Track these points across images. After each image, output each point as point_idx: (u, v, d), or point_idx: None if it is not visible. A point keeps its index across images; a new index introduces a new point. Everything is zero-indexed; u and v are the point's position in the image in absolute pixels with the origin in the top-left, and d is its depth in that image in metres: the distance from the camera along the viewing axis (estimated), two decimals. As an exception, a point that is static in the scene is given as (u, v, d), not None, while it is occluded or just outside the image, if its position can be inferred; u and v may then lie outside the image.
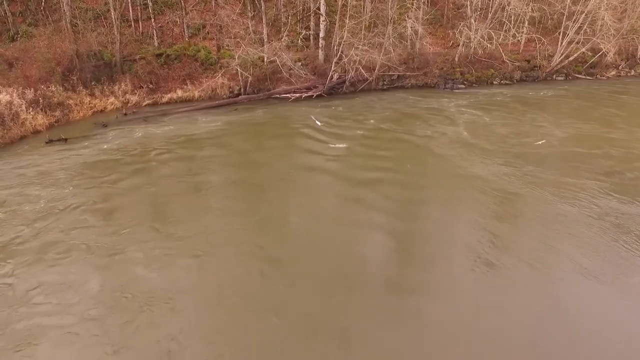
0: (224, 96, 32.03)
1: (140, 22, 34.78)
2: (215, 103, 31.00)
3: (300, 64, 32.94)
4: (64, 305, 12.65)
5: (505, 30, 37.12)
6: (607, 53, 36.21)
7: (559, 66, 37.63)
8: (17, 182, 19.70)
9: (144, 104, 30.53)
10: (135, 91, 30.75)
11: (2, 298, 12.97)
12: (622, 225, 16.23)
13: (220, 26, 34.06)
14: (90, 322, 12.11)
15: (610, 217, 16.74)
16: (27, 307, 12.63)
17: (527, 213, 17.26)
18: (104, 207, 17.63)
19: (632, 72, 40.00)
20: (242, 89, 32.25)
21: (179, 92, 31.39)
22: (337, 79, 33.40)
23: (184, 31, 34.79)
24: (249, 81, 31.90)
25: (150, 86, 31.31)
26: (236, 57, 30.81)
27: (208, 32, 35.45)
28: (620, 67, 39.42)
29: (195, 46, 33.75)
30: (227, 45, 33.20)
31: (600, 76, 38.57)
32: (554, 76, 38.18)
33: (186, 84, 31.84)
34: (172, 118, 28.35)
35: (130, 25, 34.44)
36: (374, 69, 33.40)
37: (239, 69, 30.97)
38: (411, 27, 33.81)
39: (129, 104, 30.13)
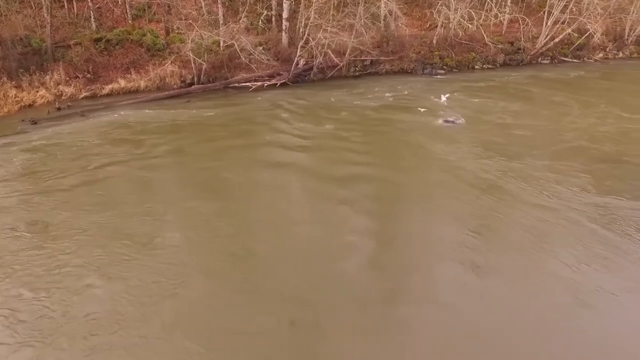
0: (175, 86, 30.69)
1: (74, 3, 32.89)
2: (164, 94, 29.63)
3: (261, 48, 31.78)
4: None
5: (487, 10, 36.94)
6: (594, 34, 36.43)
7: (544, 48, 37.76)
8: None
9: (81, 96, 28.88)
10: (70, 82, 29.02)
11: None
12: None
13: (169, 6, 32.65)
14: None
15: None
16: None
17: (518, 213, 16.89)
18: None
19: (620, 55, 40.49)
20: (195, 78, 30.93)
21: (122, 82, 29.84)
22: (304, 65, 32.44)
23: (126, 12, 33.12)
24: (204, 69, 30.59)
25: (88, 76, 29.63)
26: (188, 41, 29.46)
27: (154, 13, 33.88)
28: (607, 49, 39.86)
29: (140, 30, 32.17)
30: (177, 28, 31.85)
31: (588, 59, 38.92)
32: (539, 59, 38.33)
33: (130, 73, 30.31)
34: (114, 112, 26.87)
35: (62, 6, 32.55)
36: (345, 54, 32.58)
37: (191, 55, 29.63)
38: (385, 7, 33.10)
39: (63, 97, 28.43)
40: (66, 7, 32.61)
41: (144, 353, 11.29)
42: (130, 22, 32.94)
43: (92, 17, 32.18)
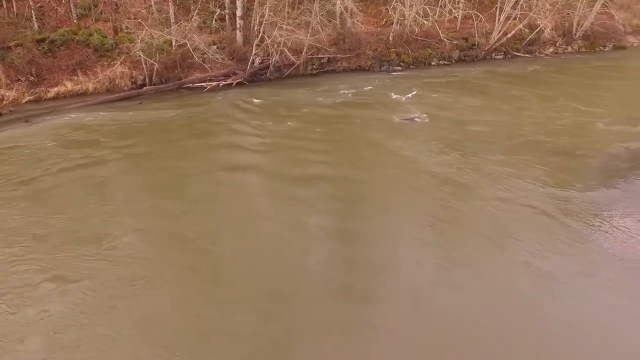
0: (126, 88, 29.67)
1: (13, 2, 31.31)
2: (115, 96, 28.60)
3: (215, 47, 31.23)
4: None
5: (441, 6, 37.55)
6: (544, 29, 37.61)
7: (497, 44, 38.68)
8: None
9: (25, 100, 27.52)
10: (12, 85, 27.57)
11: None
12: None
13: (117, 5, 31.58)
14: None
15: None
16: None
17: (478, 205, 17.25)
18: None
19: (569, 49, 41.94)
20: (147, 79, 30.05)
21: (69, 85, 28.63)
22: (260, 63, 32.06)
23: (70, 11, 31.79)
24: (155, 69, 29.73)
25: (32, 78, 28.26)
26: (138, 41, 28.56)
27: (101, 12, 32.71)
28: (557, 44, 41.24)
29: (86, 29, 30.95)
30: (127, 28, 30.82)
31: (539, 53, 40.13)
32: (493, 55, 39.25)
33: (77, 75, 29.10)
34: (62, 116, 25.78)
35: (0, 6, 30.93)
36: (301, 52, 32.39)
37: (142, 55, 28.76)
38: (340, 4, 33.12)
39: (4, 102, 26.95)
40: (5, 6, 30.98)
41: (111, 351, 11.12)
42: (75, 21, 31.62)
43: (34, 16, 30.71)
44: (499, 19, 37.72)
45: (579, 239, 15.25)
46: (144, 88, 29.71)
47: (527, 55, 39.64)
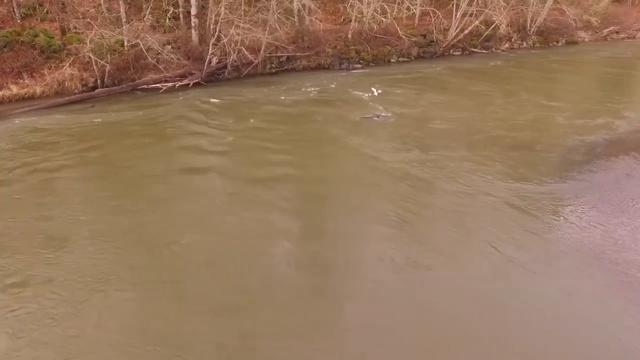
0: (76, 90, 28.50)
1: (-50, 1, 29.75)
2: (65, 99, 27.45)
3: (170, 47, 30.46)
4: None
5: (399, 3, 37.77)
6: (500, 25, 38.42)
7: (455, 40, 39.26)
8: None
9: (-34, 106, 26.12)
10: (-49, 90, 26.17)
11: None
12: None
13: (64, 4, 30.32)
14: None
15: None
16: None
17: (441, 200, 17.36)
18: None
19: (524, 44, 43.05)
20: (98, 81, 28.94)
21: (14, 89, 27.28)
22: (217, 63, 31.45)
23: (13, 11, 30.30)
24: (107, 70, 28.69)
25: (-27, 83, 26.87)
26: (87, 41, 27.46)
27: (47, 12, 31.32)
28: (513, 40, 42.27)
29: (31, 30, 29.59)
30: (75, 28, 29.60)
31: (496, 49, 40.99)
32: (451, 51, 39.82)
33: (22, 78, 27.77)
34: (9, 121, 24.61)
35: (-64, 5, 29.31)
36: (260, 50, 31.97)
37: (92, 56, 27.67)
38: (298, 1, 32.86)
39: (-57, 108, 25.55)
40: (-59, 6, 29.43)
41: (74, 351, 10.91)
42: (19, 21, 30.19)
43: (-27, 17, 29.27)
44: (456, 16, 38.27)
45: (540, 230, 15.47)
46: (96, 90, 28.64)
47: (484, 51, 40.40)
